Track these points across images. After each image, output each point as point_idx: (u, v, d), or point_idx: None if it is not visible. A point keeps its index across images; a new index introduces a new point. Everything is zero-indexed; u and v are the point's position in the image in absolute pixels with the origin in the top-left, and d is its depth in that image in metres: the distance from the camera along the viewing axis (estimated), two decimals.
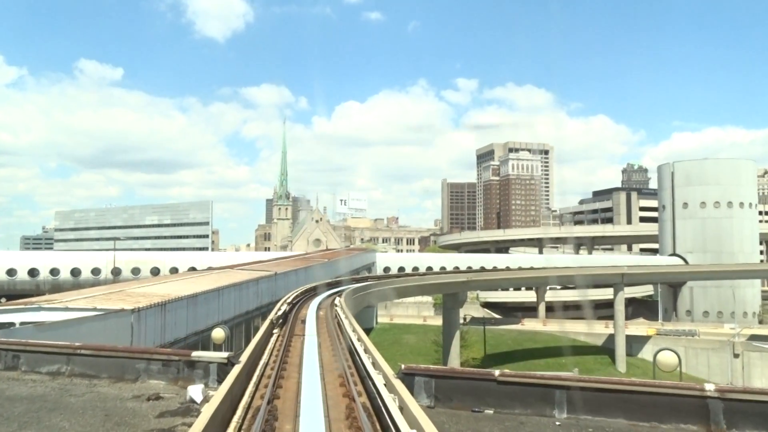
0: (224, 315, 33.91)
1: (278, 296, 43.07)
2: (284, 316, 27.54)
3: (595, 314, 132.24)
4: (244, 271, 42.74)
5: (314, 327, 23.62)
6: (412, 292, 59.78)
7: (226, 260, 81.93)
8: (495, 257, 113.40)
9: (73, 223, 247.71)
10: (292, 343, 20.04)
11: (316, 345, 18.69)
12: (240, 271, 42.31)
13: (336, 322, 26.82)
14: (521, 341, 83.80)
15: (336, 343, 19.12)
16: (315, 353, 16.83)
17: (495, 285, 74.40)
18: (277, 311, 25.46)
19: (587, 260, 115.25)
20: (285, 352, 17.26)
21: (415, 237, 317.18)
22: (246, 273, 41.68)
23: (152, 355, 13.35)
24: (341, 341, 20.52)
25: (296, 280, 48.70)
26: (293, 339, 21.20)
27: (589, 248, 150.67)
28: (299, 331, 23.93)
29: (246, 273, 41.68)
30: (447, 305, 66.99)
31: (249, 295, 38.11)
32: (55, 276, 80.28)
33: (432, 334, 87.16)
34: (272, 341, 19.55)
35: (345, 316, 24.49)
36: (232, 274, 41.03)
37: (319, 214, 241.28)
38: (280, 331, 23.24)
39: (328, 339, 21.00)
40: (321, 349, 18.38)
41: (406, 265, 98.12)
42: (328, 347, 19.06)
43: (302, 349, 17.95)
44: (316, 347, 18.20)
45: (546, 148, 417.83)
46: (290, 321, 26.93)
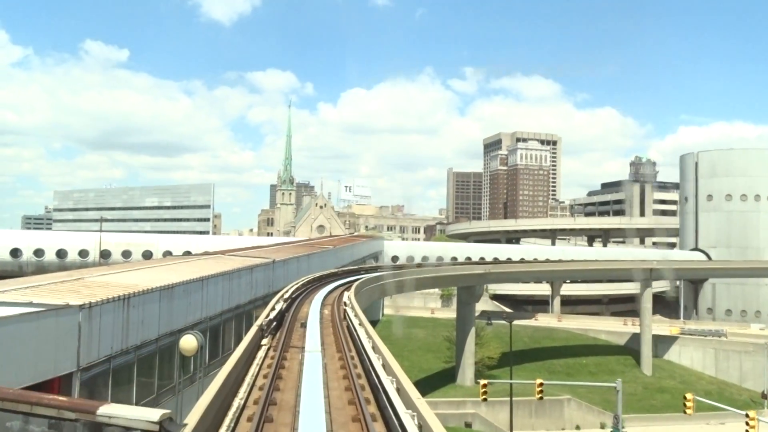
0: (209, 310, 28.16)
1: (276, 287, 37.35)
2: (280, 317, 21.81)
3: (608, 309, 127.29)
4: (238, 258, 36.99)
5: (318, 335, 17.93)
6: (426, 284, 54.15)
7: (224, 244, 76.33)
8: (508, 248, 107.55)
9: (72, 204, 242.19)
10: (287, 365, 14.26)
11: (320, 369, 12.89)
12: (233, 258, 36.56)
13: (346, 327, 21.11)
14: (538, 338, 78.03)
15: (349, 366, 13.38)
16: (319, 388, 11.04)
17: (514, 278, 68.74)
18: (269, 312, 19.64)
19: (607, 253, 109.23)
20: (273, 385, 11.43)
21: (421, 226, 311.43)
22: (239, 260, 35.92)
23: (33, 406, 7.67)
24: (356, 361, 14.83)
25: (298, 268, 42.95)
26: (288, 356, 15.42)
27: (603, 240, 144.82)
28: (297, 341, 18.18)
29: (239, 260, 35.92)
30: (462, 299, 61.29)
31: (241, 286, 32.33)
32: (40, 257, 74.78)
33: (442, 328, 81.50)
34: (256, 363, 13.73)
35: (359, 321, 18.70)
36: (223, 260, 35.27)
37: (324, 199, 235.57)
38: (272, 340, 17.51)
39: (336, 356, 15.24)
40: (327, 376, 12.60)
41: (415, 254, 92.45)
42: (337, 374, 13.25)
43: (299, 378, 12.16)
44: (320, 374, 12.39)
45: (554, 139, 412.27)
46: (287, 324, 21.13)
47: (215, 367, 28.29)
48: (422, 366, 67.99)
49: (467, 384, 62.30)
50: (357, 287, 32.00)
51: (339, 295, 29.86)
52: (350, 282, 37.37)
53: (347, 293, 29.26)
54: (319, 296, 29.49)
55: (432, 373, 66.54)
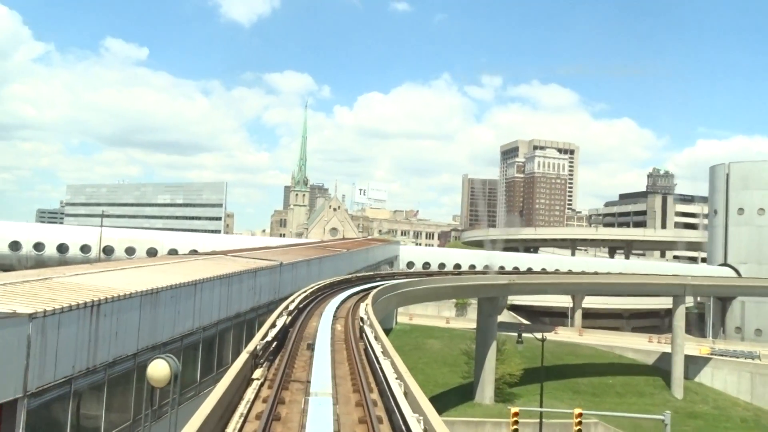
0: (203, 319, 24.29)
1: (283, 293, 33.44)
2: (283, 333, 17.84)
3: (628, 324, 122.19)
4: (241, 259, 33.11)
5: (328, 363, 13.91)
6: (447, 293, 50.03)
7: (232, 244, 72.84)
8: (528, 257, 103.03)
9: (84, 198, 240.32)
10: (284, 414, 10.34)
11: (330, 427, 8.90)
12: (235, 259, 32.70)
13: (364, 351, 17.08)
14: (561, 354, 73.43)
15: (371, 420, 9.36)
16: None
17: (539, 290, 64.36)
18: (267, 330, 15.65)
19: (632, 266, 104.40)
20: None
21: (435, 231, 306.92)
22: (242, 261, 32.05)
23: None
24: (380, 410, 10.77)
25: (308, 273, 39.02)
26: (287, 398, 11.46)
27: (626, 252, 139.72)
28: (301, 371, 14.07)
29: (242, 261, 32.05)
30: (483, 310, 57.04)
31: (242, 292, 28.45)
32: (40, 251, 71.52)
33: (459, 339, 77.27)
34: (240, 415, 9.78)
35: (381, 346, 14.75)
36: (224, 261, 31.40)
37: (338, 202, 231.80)
38: (268, 371, 13.59)
39: (353, 400, 11.23)
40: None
41: (431, 260, 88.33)
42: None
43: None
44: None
45: (572, 148, 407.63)
46: (291, 342, 17.19)
47: (208, 385, 24.41)
48: (438, 380, 63.79)
49: (486, 402, 58.00)
50: (374, 297, 27.98)
51: (354, 306, 25.88)
52: (365, 290, 33.37)
53: (363, 304, 25.25)
54: (330, 307, 25.51)
55: (448, 388, 62.29)
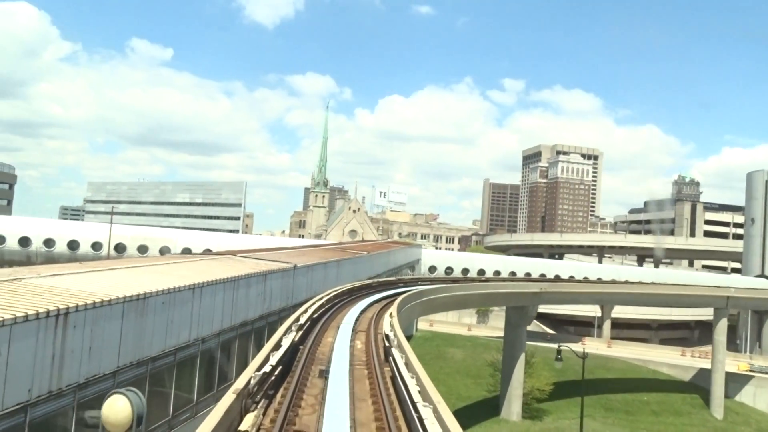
0: (202, 329, 21.06)
1: (297, 299, 30.18)
2: (290, 355, 14.48)
3: (657, 335, 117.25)
4: (251, 261, 29.89)
5: (346, 403, 10.59)
6: (474, 301, 46.45)
7: (247, 244, 69.99)
8: (556, 264, 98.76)
9: (104, 195, 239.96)
10: None
11: None
12: (244, 260, 29.49)
13: (390, 378, 13.68)
14: (591, 368, 68.98)
15: None
16: None
17: (572, 299, 60.39)
18: (268, 354, 12.26)
19: (664, 275, 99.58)
20: None
21: (455, 235, 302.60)
22: (252, 263, 28.82)
23: None
24: None
25: (324, 277, 35.72)
26: None
27: (655, 261, 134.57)
28: (309, 416, 10.61)
29: (252, 263, 28.82)
30: (511, 320, 53.27)
31: (250, 298, 25.19)
32: (50, 248, 69.19)
33: (481, 349, 73.53)
34: None
35: (414, 378, 11.38)
36: (232, 263, 28.20)
37: (357, 203, 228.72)
38: (263, 415, 10.20)
39: None
40: None
41: (454, 265, 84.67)
42: None
43: None
44: None
45: (595, 153, 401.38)
46: (299, 371, 13.70)
47: (207, 405, 21.16)
48: (461, 393, 60.10)
49: (513, 419, 54.21)
50: (399, 306, 24.56)
51: (376, 317, 22.48)
52: (388, 298, 29.98)
53: (387, 315, 21.86)
54: (349, 317, 22.12)
55: (472, 402, 58.60)
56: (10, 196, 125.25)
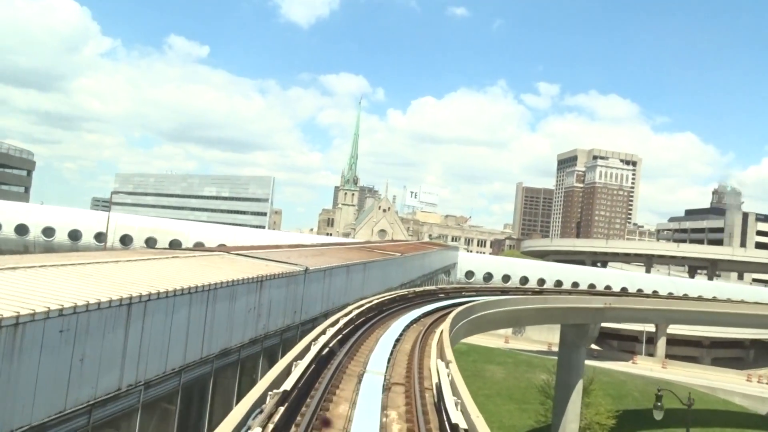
0: (143, 370, 13.35)
1: (308, 313, 22.38)
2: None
3: (708, 354, 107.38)
4: (248, 260, 22.28)
5: None
6: (528, 318, 38.33)
7: (264, 240, 63.11)
8: (605, 273, 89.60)
9: (131, 187, 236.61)
10: None
11: None
12: (238, 259, 21.90)
13: None
14: (650, 394, 60.07)
15: None
16: None
17: (642, 317, 51.67)
18: None
19: (726, 289, 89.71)
20: None
21: (487, 239, 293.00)
22: (248, 264, 21.20)
23: None
24: None
25: (347, 283, 27.91)
26: None
27: (709, 273, 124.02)
28: None
29: (248, 264, 21.20)
30: (568, 340, 44.85)
31: (235, 315, 17.45)
32: (49, 237, 62.87)
33: (524, 366, 65.19)
34: None
35: None
36: (220, 263, 20.56)
37: (388, 202, 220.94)
38: None
39: None
40: None
41: (494, 270, 76.42)
42: None
43: None
44: None
45: (634, 159, 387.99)
46: None
47: None
48: (503, 420, 51.79)
49: None
50: (452, 336, 16.62)
51: (419, 355, 14.59)
52: (430, 315, 22.19)
53: (435, 350, 14.06)
54: (378, 356, 14.25)
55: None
56: (27, 183, 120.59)
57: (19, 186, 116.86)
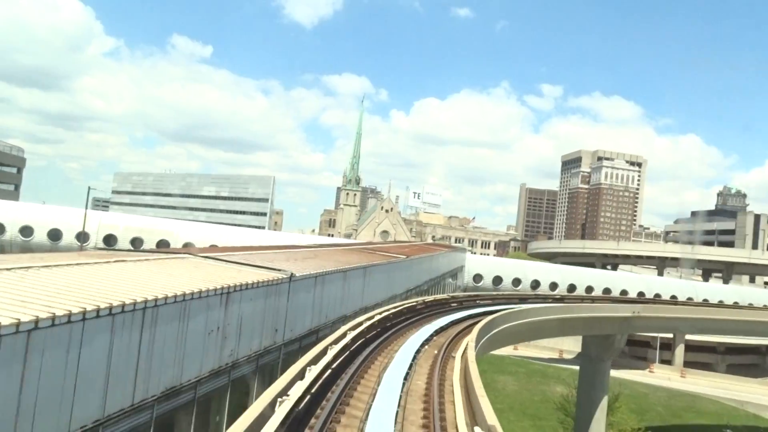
0: (82, 413, 8.89)
1: (293, 331, 17.86)
2: None
3: (723, 361, 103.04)
4: (217, 264, 17.81)
5: None
6: (550, 330, 33.82)
7: (258, 240, 58.85)
8: (620, 277, 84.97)
9: (130, 186, 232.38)
10: None
11: None
12: (204, 264, 17.45)
13: None
14: (677, 409, 55.62)
15: None
16: None
17: (672, 326, 47.06)
18: None
19: (748, 294, 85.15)
20: None
21: (492, 240, 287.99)
22: (212, 270, 16.72)
23: None
24: None
25: (344, 291, 23.43)
26: None
27: (724, 276, 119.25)
28: None
29: (212, 270, 16.72)
30: (591, 352, 40.33)
31: (188, 338, 13.00)
32: (27, 237, 58.55)
33: (538, 377, 60.76)
34: None
35: None
36: (187, 269, 16.07)
37: (390, 203, 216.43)
38: None
39: None
40: None
41: (504, 274, 71.89)
42: None
43: None
44: None
45: (639, 161, 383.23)
46: None
47: None
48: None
49: None
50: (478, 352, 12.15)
51: (438, 414, 10.12)
52: (443, 333, 17.73)
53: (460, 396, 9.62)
54: (381, 411, 9.75)
55: None
56: (18, 181, 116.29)
57: (8, 184, 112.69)
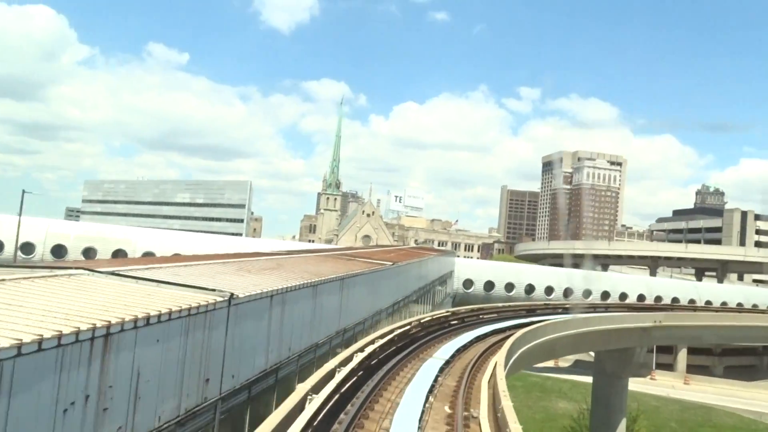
0: None
1: (235, 379, 12.13)
2: None
3: (721, 362, 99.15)
4: (133, 284, 11.79)
5: None
6: (565, 348, 28.47)
7: (233, 248, 52.86)
8: (620, 279, 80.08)
9: (101, 195, 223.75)
10: None
11: None
12: (119, 283, 11.45)
13: None
14: (692, 424, 50.46)
15: None
16: None
17: (695, 336, 41.80)
18: None
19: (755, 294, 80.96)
20: None
21: (475, 243, 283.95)
22: (122, 291, 10.75)
23: None
24: None
25: (314, 312, 17.72)
26: None
27: (718, 275, 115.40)
28: None
29: (122, 291, 10.75)
30: (606, 369, 35.04)
31: (21, 419, 7.31)
32: None
33: (537, 391, 55.42)
34: None
35: None
36: (66, 295, 10.04)
37: (372, 207, 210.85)
38: None
39: None
40: None
41: (495, 279, 66.65)
42: None
43: None
44: None
45: (620, 161, 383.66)
46: None
47: None
48: None
49: None
50: None
51: None
52: (450, 375, 12.21)
53: None
54: None
55: None
56: None
57: None
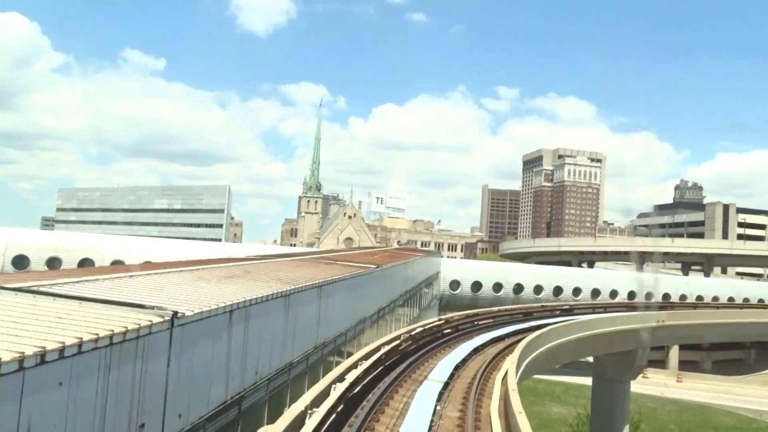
0: None
1: (184, 418, 9.28)
2: None
3: (709, 357, 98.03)
4: (51, 303, 8.96)
5: None
6: (568, 353, 26.08)
7: (207, 254, 50.23)
8: (612, 277, 78.26)
9: (76, 203, 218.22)
10: None
11: None
12: (30, 303, 8.64)
13: None
14: (690, 426, 48.52)
15: None
16: None
17: (698, 335, 39.64)
18: None
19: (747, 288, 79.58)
20: None
21: (458, 243, 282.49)
22: (39, 309, 7.97)
23: None
24: None
25: (286, 326, 15.07)
26: None
27: (705, 269, 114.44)
28: None
29: (39, 309, 7.97)
30: (606, 374, 32.74)
31: None
32: None
33: (530, 396, 52.98)
34: None
35: None
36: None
37: (353, 209, 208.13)
38: None
39: None
40: None
41: (483, 279, 64.36)
42: None
43: None
44: None
45: (599, 157, 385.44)
46: None
47: None
48: None
49: None
50: None
51: None
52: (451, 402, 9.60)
53: None
54: None
55: None
56: None
57: None
